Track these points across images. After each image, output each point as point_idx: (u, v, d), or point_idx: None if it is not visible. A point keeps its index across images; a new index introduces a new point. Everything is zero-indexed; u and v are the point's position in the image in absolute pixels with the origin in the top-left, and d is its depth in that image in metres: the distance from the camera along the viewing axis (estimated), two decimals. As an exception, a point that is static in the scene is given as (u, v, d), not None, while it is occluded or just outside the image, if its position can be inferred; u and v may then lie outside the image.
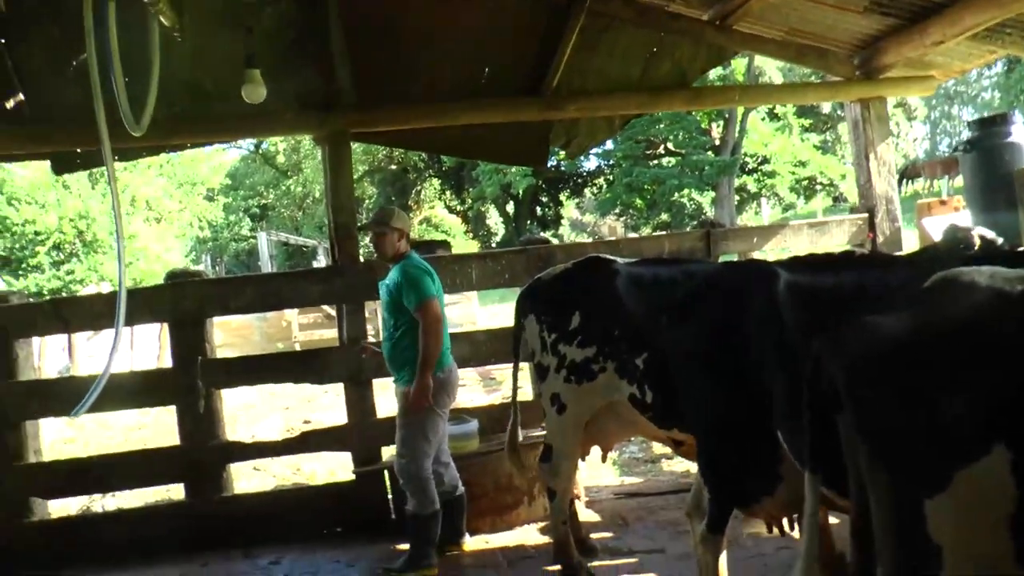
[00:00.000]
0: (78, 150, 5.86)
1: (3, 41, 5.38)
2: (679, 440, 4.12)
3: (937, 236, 5.52)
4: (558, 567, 4.50)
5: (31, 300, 6.14)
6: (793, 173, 32.62)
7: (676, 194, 29.66)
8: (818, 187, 34.13)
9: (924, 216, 6.50)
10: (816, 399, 2.23)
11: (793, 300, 3.03)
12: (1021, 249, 2.96)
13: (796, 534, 4.05)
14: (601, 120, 6.44)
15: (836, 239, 6.08)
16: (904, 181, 32.14)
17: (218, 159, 36.91)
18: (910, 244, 6.61)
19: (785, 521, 3.48)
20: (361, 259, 5.77)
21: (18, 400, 5.40)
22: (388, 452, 5.58)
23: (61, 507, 6.38)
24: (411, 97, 5.95)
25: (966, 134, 6.88)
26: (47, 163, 6.40)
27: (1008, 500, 1.83)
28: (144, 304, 5.52)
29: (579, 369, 4.34)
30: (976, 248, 3.75)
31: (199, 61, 5.47)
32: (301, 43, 5.70)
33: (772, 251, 5.96)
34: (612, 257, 4.52)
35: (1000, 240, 3.97)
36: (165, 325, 6.90)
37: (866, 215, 6.10)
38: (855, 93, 6.17)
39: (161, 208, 29.39)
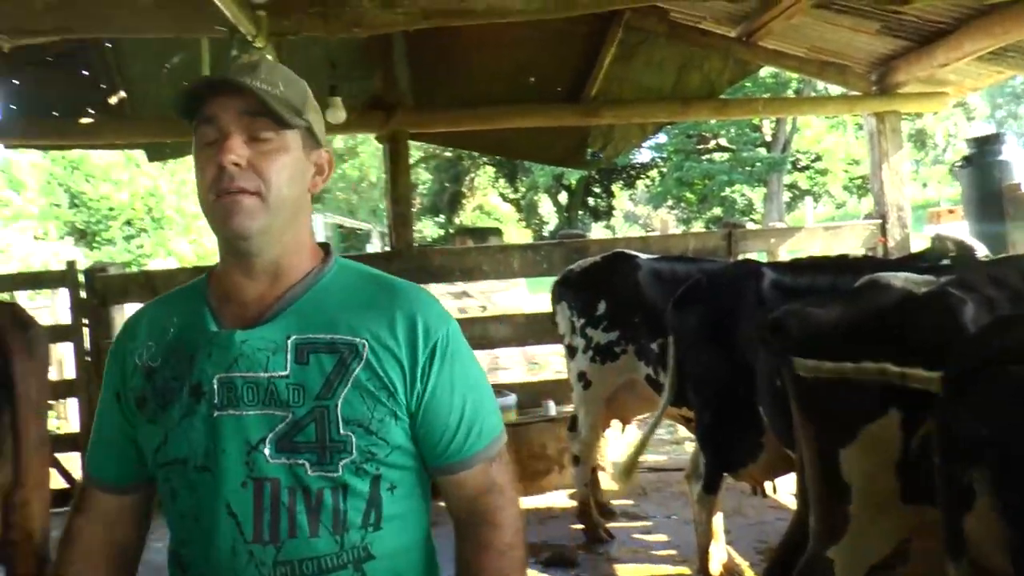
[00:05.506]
0: (168, 141, 6.62)
1: (109, 45, 6.14)
2: (688, 417, 4.69)
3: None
4: (580, 526, 5.06)
5: (125, 271, 6.92)
6: (846, 171, 32.55)
7: (727, 189, 29.89)
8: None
9: (933, 224, 7.00)
10: (771, 372, 2.82)
11: (774, 297, 3.61)
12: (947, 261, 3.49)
13: (781, 499, 4.65)
14: (635, 126, 7.04)
15: (849, 242, 6.55)
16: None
17: (278, 143, 37.79)
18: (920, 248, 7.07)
19: (769, 485, 4.06)
20: (415, 245, 6.44)
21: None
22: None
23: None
24: (463, 101, 6.57)
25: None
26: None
27: (897, 449, 2.40)
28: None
29: (603, 350, 4.89)
30: (950, 255, 4.26)
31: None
32: (366, 50, 6.35)
33: (789, 252, 6.44)
34: (635, 253, 5.10)
35: (979, 248, 4.46)
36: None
37: (879, 221, 6.58)
38: (870, 107, 6.64)
39: (226, 189, 30.44)
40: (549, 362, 12.47)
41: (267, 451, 1.39)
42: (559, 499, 5.81)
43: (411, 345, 1.46)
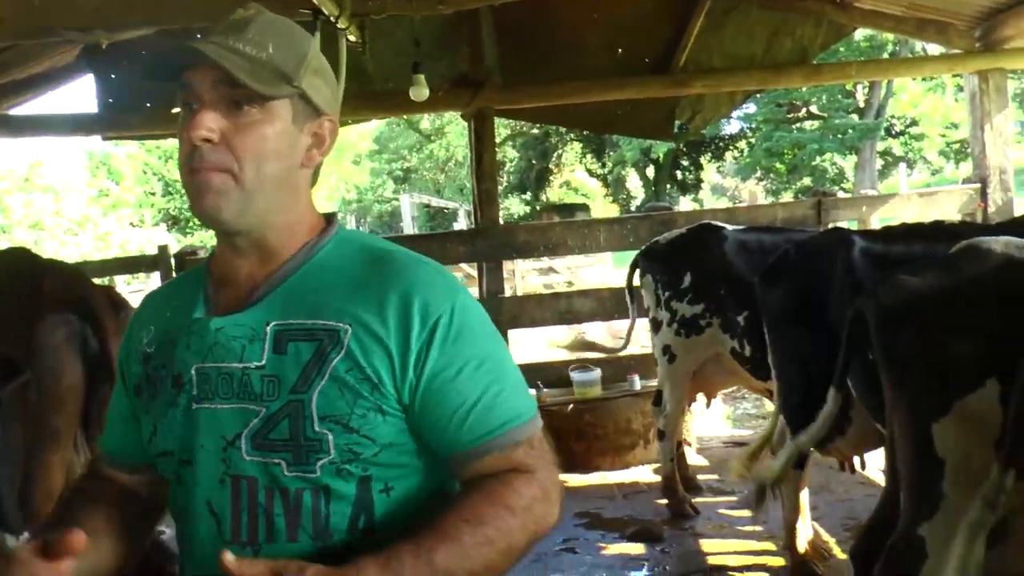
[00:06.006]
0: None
1: (199, 36, 6.30)
2: (773, 391, 4.61)
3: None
4: (666, 501, 5.04)
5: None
6: (944, 136, 31.25)
7: (818, 158, 29.11)
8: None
9: (1039, 186, 6.66)
10: (853, 339, 2.74)
11: (864, 266, 3.49)
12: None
13: (870, 475, 4.53)
14: (723, 95, 6.91)
15: (946, 208, 6.30)
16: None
17: (365, 125, 38.40)
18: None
19: (857, 460, 3.94)
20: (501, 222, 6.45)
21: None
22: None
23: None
24: (550, 76, 6.54)
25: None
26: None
27: (996, 424, 2.31)
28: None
29: (688, 324, 4.84)
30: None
31: (370, 55, 6.25)
32: (453, 26, 6.36)
33: (881, 220, 6.22)
34: (721, 224, 5.01)
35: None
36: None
37: (978, 185, 6.32)
38: (974, 65, 6.32)
39: (312, 173, 31.24)
40: (635, 336, 12.44)
41: (243, 448, 1.26)
42: (644, 474, 5.79)
43: (403, 330, 1.25)
